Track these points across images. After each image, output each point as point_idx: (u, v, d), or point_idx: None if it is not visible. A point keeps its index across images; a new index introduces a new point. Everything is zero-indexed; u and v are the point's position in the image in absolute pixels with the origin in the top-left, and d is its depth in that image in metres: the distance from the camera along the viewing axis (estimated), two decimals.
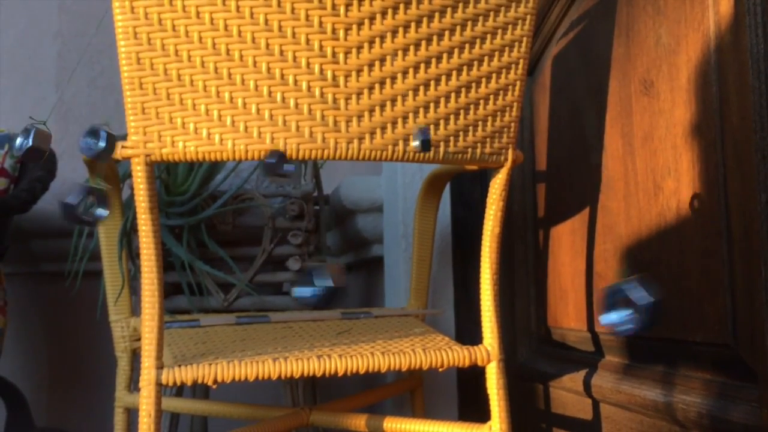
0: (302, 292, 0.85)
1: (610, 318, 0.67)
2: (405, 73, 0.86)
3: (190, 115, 0.82)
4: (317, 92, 0.83)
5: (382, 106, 0.86)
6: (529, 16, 0.91)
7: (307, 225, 1.42)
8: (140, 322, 0.85)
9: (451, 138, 0.89)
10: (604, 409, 1.07)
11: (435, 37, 0.87)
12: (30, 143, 0.80)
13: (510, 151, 0.94)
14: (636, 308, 0.66)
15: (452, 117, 0.89)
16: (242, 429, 1.03)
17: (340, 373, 0.89)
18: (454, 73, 0.88)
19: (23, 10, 2.20)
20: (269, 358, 0.88)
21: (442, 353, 0.93)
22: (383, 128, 0.86)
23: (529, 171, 1.40)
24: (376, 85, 0.85)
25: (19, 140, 0.80)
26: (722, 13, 0.80)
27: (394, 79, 0.86)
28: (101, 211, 0.80)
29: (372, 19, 0.84)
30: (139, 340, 1.23)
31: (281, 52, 0.82)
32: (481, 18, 0.89)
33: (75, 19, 2.21)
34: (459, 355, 0.93)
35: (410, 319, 1.21)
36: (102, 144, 0.79)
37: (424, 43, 0.87)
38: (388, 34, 0.85)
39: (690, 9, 0.86)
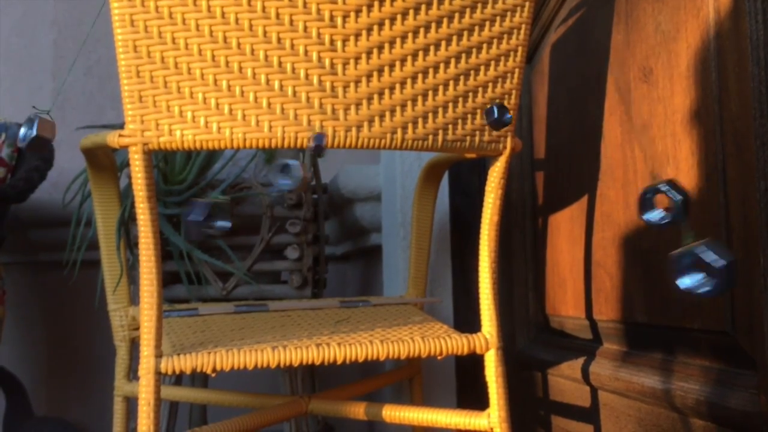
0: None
1: (685, 282, 0.68)
2: (403, 60, 0.86)
3: (188, 103, 0.81)
4: (315, 80, 0.83)
5: (381, 94, 0.85)
6: (527, 3, 0.91)
7: (305, 214, 1.42)
8: (139, 311, 0.85)
9: (450, 126, 0.89)
10: (602, 396, 1.07)
11: (433, 25, 0.87)
12: (34, 132, 0.80)
13: (508, 139, 0.93)
14: (710, 271, 0.67)
15: (451, 105, 0.89)
16: (241, 417, 1.03)
17: (339, 361, 0.89)
18: (453, 60, 0.88)
19: None
20: (268, 346, 0.88)
21: (441, 341, 0.93)
22: (381, 116, 0.86)
23: (527, 159, 1.40)
24: (375, 73, 0.85)
25: (22, 130, 0.80)
26: None
27: (392, 66, 0.86)
28: (223, 224, 0.82)
29: (370, 6, 0.84)
30: (137, 329, 1.23)
31: (279, 40, 0.82)
32: (479, 5, 0.88)
33: (71, 7, 2.20)
34: (457, 343, 0.93)
35: (409, 308, 1.21)
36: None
37: (422, 30, 0.86)
38: (387, 22, 0.85)
39: None
